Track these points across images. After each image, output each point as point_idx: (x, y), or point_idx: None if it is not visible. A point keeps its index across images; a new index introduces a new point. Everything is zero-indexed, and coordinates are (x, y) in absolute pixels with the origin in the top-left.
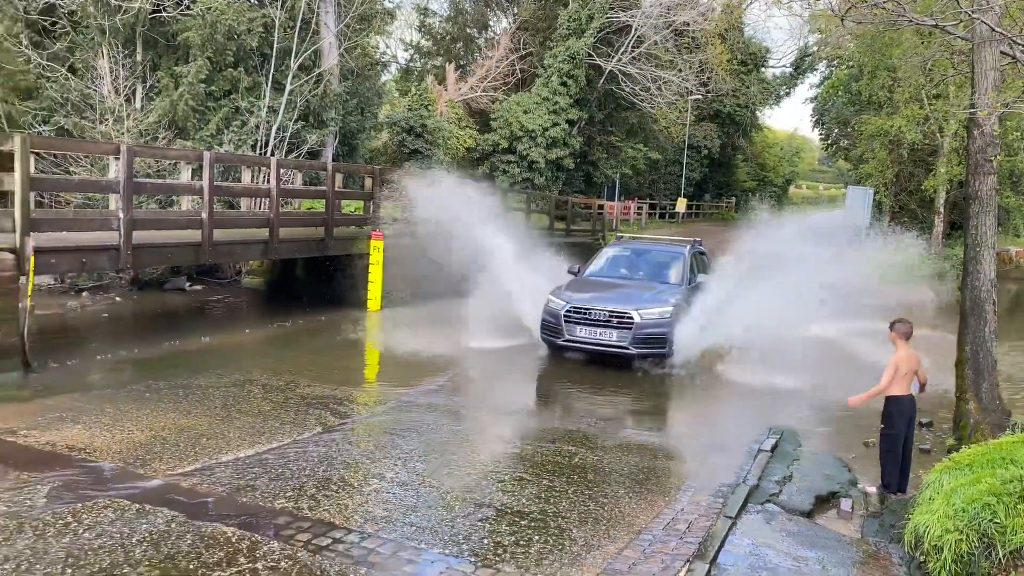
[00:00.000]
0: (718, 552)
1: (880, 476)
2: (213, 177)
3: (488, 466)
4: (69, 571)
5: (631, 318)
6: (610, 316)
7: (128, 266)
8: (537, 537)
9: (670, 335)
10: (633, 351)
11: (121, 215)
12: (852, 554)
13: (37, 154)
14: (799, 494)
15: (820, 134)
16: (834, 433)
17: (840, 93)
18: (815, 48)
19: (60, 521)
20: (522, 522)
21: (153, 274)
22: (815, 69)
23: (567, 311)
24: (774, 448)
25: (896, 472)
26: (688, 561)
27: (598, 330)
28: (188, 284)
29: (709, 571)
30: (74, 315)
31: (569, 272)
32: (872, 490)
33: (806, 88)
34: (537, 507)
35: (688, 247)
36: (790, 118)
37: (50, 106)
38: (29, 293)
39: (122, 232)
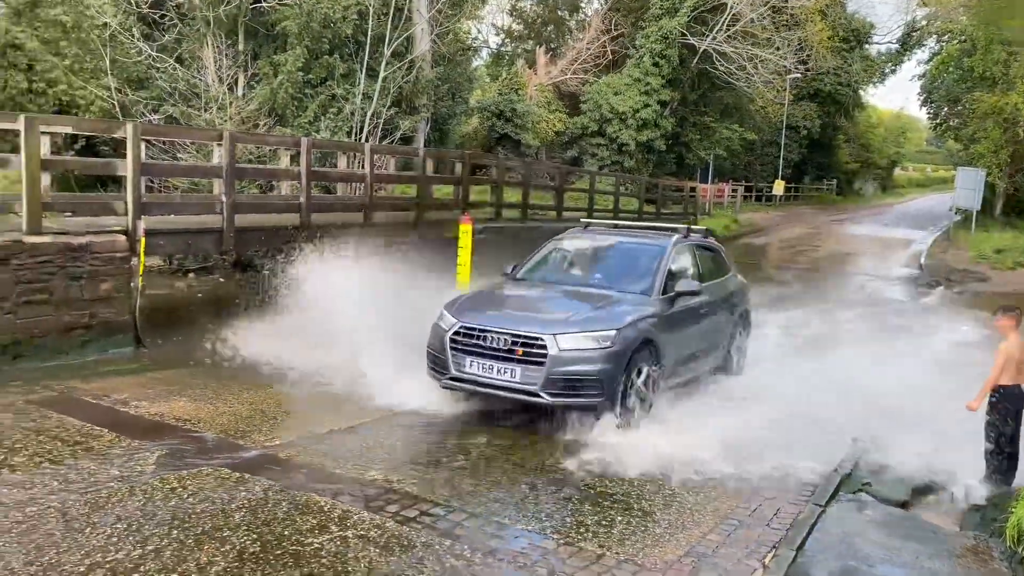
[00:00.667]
0: (805, 539)
1: (985, 468)
2: (310, 162)
3: (568, 444)
4: (175, 532)
5: (543, 347)
6: (513, 343)
7: (231, 248)
8: (620, 518)
9: (610, 376)
10: (546, 399)
11: (224, 199)
12: (949, 547)
13: (147, 141)
14: (894, 484)
15: (928, 113)
16: (936, 423)
17: (950, 69)
18: (923, 22)
19: (167, 486)
20: (605, 502)
21: (255, 256)
22: (923, 45)
23: (455, 333)
24: (862, 439)
25: (1002, 465)
26: (774, 547)
27: (496, 364)
28: None
29: (795, 558)
30: (181, 295)
31: (503, 273)
32: (974, 483)
33: (913, 65)
34: (620, 488)
35: (673, 238)
36: (896, 97)
37: (159, 95)
38: (140, 273)
39: (225, 215)
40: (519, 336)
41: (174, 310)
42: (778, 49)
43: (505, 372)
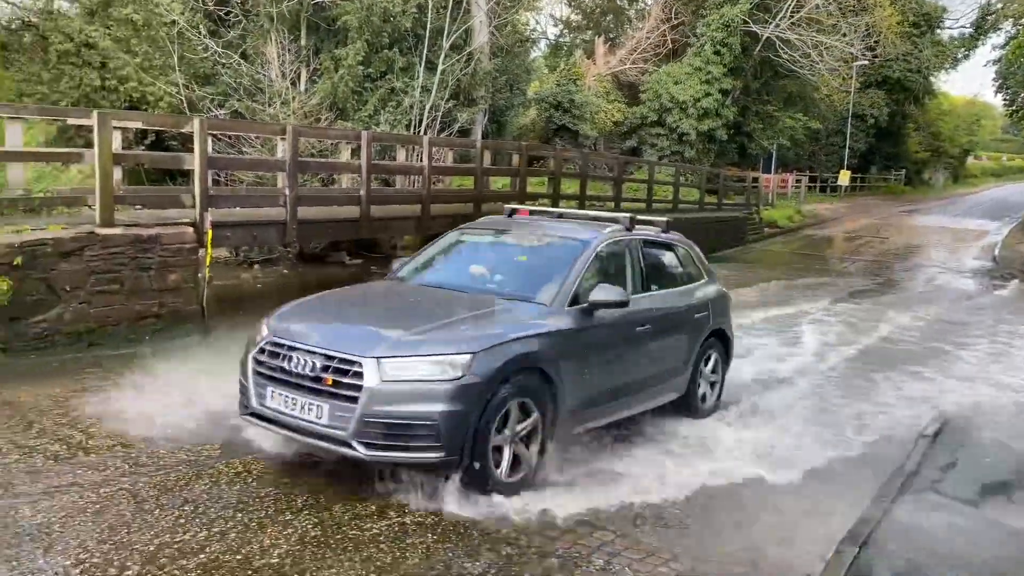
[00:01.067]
0: (868, 536)
1: None
2: (371, 156)
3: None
4: (239, 515)
5: (359, 374)
6: (323, 367)
7: (294, 240)
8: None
9: (457, 421)
10: (360, 452)
11: (287, 192)
12: (1020, 546)
13: (214, 135)
14: (964, 483)
15: (1004, 99)
16: (1010, 420)
17: None
18: (999, 5)
19: (232, 470)
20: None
21: (316, 248)
22: (999, 28)
23: (259, 351)
24: (937, 434)
25: None
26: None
27: (299, 397)
28: (348, 258)
29: (858, 555)
30: (247, 286)
31: (389, 270)
32: None
33: (988, 50)
34: None
35: (604, 231)
36: (969, 83)
37: (225, 91)
38: (208, 264)
39: (288, 208)
40: (331, 357)
41: (240, 300)
42: (844, 35)
43: (310, 409)
